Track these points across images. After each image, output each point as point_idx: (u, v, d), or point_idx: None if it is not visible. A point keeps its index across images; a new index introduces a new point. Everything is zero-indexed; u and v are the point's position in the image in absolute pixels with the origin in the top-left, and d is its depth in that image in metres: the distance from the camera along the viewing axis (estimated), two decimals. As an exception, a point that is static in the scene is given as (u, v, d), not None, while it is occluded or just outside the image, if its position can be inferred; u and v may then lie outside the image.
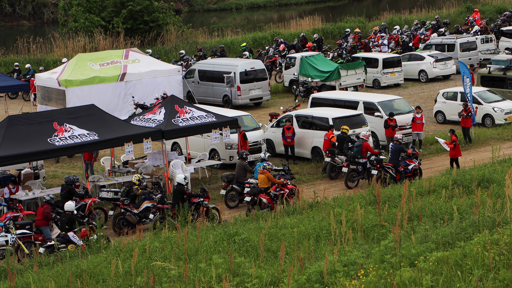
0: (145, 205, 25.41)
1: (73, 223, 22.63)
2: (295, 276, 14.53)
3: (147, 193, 25.85)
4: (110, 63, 39.94)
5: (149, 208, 25.37)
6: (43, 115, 29.14)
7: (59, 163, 34.53)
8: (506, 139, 34.55)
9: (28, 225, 23.53)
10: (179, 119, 29.37)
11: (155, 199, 25.58)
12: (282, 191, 26.31)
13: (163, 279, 16.43)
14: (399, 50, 53.67)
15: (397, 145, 28.93)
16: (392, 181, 27.53)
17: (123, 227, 24.99)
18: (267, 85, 43.76)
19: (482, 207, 17.99)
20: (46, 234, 23.31)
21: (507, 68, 39.88)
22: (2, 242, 22.34)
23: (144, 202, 25.49)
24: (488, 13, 67.15)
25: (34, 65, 51.90)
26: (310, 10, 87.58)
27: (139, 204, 25.50)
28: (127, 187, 26.29)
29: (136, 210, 25.28)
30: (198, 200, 25.13)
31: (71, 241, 22.16)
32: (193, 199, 25.07)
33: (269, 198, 25.98)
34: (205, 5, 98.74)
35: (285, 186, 26.55)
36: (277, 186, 26.33)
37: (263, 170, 26.48)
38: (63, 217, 22.84)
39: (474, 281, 13.39)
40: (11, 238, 22.45)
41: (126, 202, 25.28)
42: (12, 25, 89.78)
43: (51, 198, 24.12)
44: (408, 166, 28.73)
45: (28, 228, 23.43)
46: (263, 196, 26.00)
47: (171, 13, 62.45)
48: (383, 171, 28.22)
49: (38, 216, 23.62)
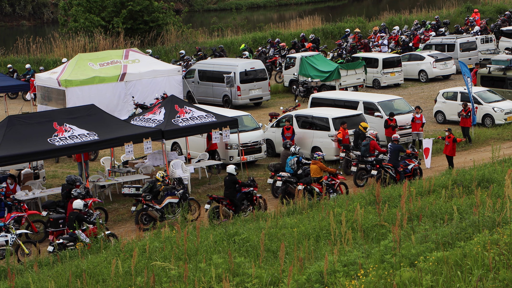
0: (167, 201, 25.93)
1: (81, 221, 22.81)
2: (295, 276, 14.53)
3: (169, 188, 26.29)
4: (110, 63, 39.94)
5: (171, 203, 25.93)
6: (43, 115, 29.15)
7: (59, 163, 34.53)
8: (506, 139, 34.54)
9: (61, 220, 23.96)
10: (179, 119, 29.38)
11: (177, 195, 26.09)
12: (333, 181, 26.95)
13: (163, 279, 16.43)
14: (399, 50, 53.66)
15: (396, 145, 28.93)
16: (392, 181, 27.54)
17: (146, 223, 25.37)
18: (267, 85, 43.75)
19: (482, 207, 17.99)
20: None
21: (507, 68, 39.88)
22: (2, 242, 22.40)
23: (166, 197, 26.01)
24: (488, 13, 67.14)
25: (34, 65, 51.88)
26: (310, 10, 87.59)
27: (161, 200, 25.98)
28: (151, 183, 26.65)
29: (159, 205, 25.76)
30: (249, 189, 25.82)
31: (79, 239, 22.29)
32: (244, 188, 25.79)
33: (321, 188, 26.40)
34: (205, 5, 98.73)
35: (336, 176, 27.18)
36: (329, 176, 26.93)
37: (315, 160, 27.05)
38: (70, 215, 22.96)
39: (474, 281, 13.38)
40: (11, 238, 22.51)
41: (148, 197, 25.73)
42: (12, 25, 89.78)
43: (78, 193, 24.40)
44: (408, 166, 28.73)
45: (61, 222, 23.90)
46: (315, 185, 26.49)
47: (171, 13, 62.43)
48: (383, 171, 28.24)
49: (69, 211, 23.93)
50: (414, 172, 28.72)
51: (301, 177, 27.17)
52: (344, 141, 31.07)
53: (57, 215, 24.56)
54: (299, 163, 27.81)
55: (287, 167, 27.84)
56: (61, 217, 24.29)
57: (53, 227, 24.05)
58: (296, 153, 28.20)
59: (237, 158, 31.69)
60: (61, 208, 25.21)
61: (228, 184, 25.65)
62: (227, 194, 25.57)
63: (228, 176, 25.76)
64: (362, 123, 31.11)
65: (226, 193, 25.66)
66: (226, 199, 25.47)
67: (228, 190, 25.59)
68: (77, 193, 24.27)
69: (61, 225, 24.05)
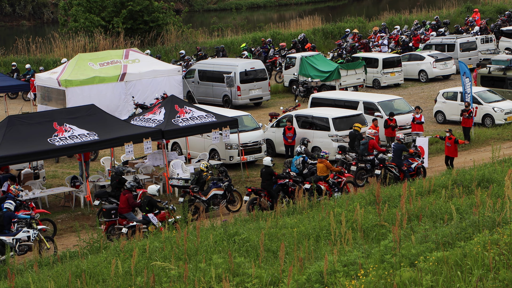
0: (213, 193, 26.62)
1: (152, 205, 23.78)
2: (295, 276, 14.53)
3: (216, 179, 26.98)
4: (110, 63, 39.93)
5: (216, 195, 26.62)
6: (43, 115, 29.15)
7: (59, 163, 34.52)
8: (506, 139, 34.55)
9: (113, 210, 24.39)
10: (179, 119, 29.39)
11: (222, 187, 26.75)
12: (339, 179, 27.12)
13: (163, 279, 16.42)
14: (399, 50, 53.65)
15: (399, 144, 28.96)
16: (392, 181, 27.54)
17: (193, 214, 25.61)
18: (267, 85, 43.76)
19: (482, 207, 17.97)
20: (131, 218, 24.26)
21: (507, 68, 39.87)
22: (25, 237, 22.72)
23: (212, 189, 26.70)
24: (488, 13, 67.13)
25: (34, 65, 51.88)
26: (310, 10, 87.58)
27: (207, 191, 26.65)
28: (196, 174, 27.29)
29: (205, 197, 26.39)
30: (284, 181, 26.35)
31: (151, 222, 23.36)
32: (280, 180, 26.35)
33: (328, 186, 26.63)
34: (205, 5, 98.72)
35: (342, 174, 27.39)
36: (335, 174, 27.15)
37: (321, 159, 27.23)
38: (144, 199, 23.99)
39: (474, 281, 13.38)
40: (33, 234, 22.83)
41: (196, 189, 26.41)
42: (12, 25, 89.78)
43: (131, 186, 24.88)
44: (411, 165, 28.77)
45: (113, 213, 24.20)
46: (322, 184, 26.68)
47: (171, 13, 62.43)
48: (386, 170, 28.31)
49: (121, 203, 24.49)
50: (418, 171, 28.76)
51: (306, 177, 27.30)
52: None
53: (109, 205, 25.04)
54: (305, 163, 27.94)
55: (292, 167, 27.94)
56: (113, 207, 24.71)
57: (105, 217, 24.51)
58: (302, 152, 28.33)
59: (237, 158, 31.70)
60: (113, 197, 25.98)
61: (265, 176, 26.30)
62: (264, 186, 26.21)
63: (265, 168, 26.41)
64: (356, 124, 31.09)
65: (263, 184, 26.32)
66: (264, 190, 26.00)
67: (265, 182, 26.24)
68: (131, 186, 24.88)
69: (113, 216, 24.44)
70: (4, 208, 23.00)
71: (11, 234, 22.61)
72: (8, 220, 22.76)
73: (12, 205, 23.05)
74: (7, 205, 22.96)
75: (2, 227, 22.66)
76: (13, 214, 22.96)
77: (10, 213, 22.83)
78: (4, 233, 22.60)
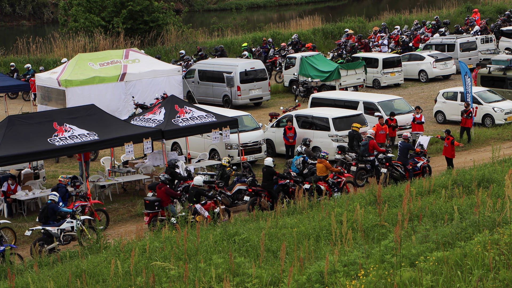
0: (237, 188, 26.89)
1: (200, 195, 24.24)
2: (295, 276, 14.52)
3: (240, 174, 27.28)
4: (110, 63, 39.94)
5: (241, 190, 26.79)
6: (43, 115, 29.14)
7: (59, 163, 34.52)
8: (506, 139, 34.54)
9: (157, 202, 24.87)
10: (179, 119, 29.38)
11: (246, 182, 26.91)
12: (339, 179, 27.17)
13: (163, 279, 16.42)
14: (399, 50, 53.65)
15: (405, 143, 29.00)
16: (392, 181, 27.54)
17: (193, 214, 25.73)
18: (267, 85, 43.75)
19: (482, 207, 17.97)
20: (172, 210, 24.79)
21: (507, 68, 39.87)
22: (68, 227, 23.59)
23: (236, 184, 26.97)
24: (488, 13, 67.14)
25: (34, 65, 51.86)
26: (310, 10, 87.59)
27: (231, 186, 26.93)
28: (220, 170, 27.69)
29: (230, 192, 26.66)
30: (285, 181, 26.46)
31: (198, 213, 23.85)
32: (281, 180, 26.45)
33: (328, 186, 26.69)
34: (205, 5, 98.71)
35: (342, 174, 27.46)
36: (335, 174, 27.21)
37: (320, 159, 27.28)
38: (191, 190, 24.51)
39: (474, 281, 13.38)
40: (76, 224, 23.67)
41: (221, 184, 26.61)
42: (12, 25, 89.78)
43: (165, 179, 25.41)
44: (417, 163, 28.79)
45: (157, 204, 24.81)
46: (321, 184, 26.74)
47: (171, 13, 62.41)
48: (392, 169, 28.35)
49: (159, 197, 24.98)
50: (423, 169, 28.77)
51: (306, 177, 27.32)
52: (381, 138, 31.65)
53: (152, 197, 25.35)
54: (305, 163, 27.97)
55: (293, 167, 27.97)
56: (156, 199, 25.02)
57: (148, 208, 24.85)
58: (302, 152, 28.35)
59: (237, 158, 31.67)
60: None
61: (266, 176, 26.37)
62: (265, 186, 26.30)
63: (266, 168, 26.49)
64: (354, 124, 31.07)
65: (264, 184, 26.40)
66: (265, 190, 26.11)
67: (266, 182, 26.34)
68: (164, 178, 25.32)
69: (156, 207, 24.80)
70: (49, 200, 23.97)
71: (55, 224, 23.55)
72: (52, 212, 23.72)
73: (56, 197, 24.03)
74: (52, 197, 23.99)
75: (47, 218, 23.65)
76: (57, 206, 23.86)
77: (54, 205, 23.79)
78: (49, 223, 23.54)
